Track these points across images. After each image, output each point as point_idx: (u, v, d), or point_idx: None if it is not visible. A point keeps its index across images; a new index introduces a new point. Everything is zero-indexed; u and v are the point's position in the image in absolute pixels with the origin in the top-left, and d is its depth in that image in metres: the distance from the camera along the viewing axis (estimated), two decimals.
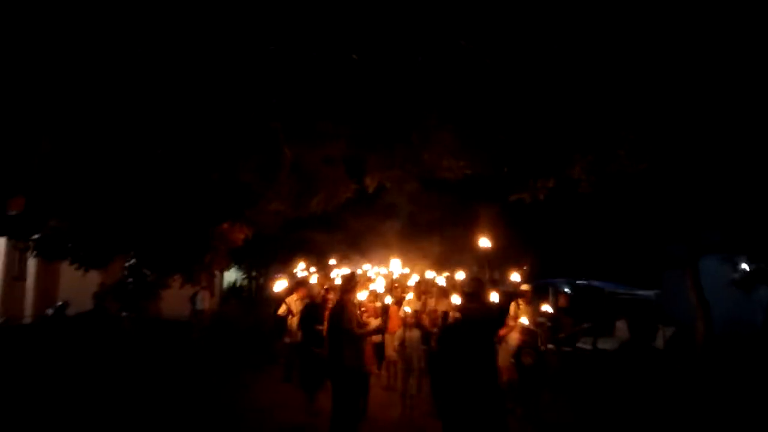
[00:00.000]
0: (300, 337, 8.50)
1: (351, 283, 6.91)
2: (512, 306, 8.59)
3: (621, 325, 14.09)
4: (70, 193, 7.04)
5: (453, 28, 4.67)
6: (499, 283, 17.41)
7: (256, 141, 7.74)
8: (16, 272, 16.04)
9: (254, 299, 22.32)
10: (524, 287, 8.53)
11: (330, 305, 7.86)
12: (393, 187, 8.59)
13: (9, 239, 13.89)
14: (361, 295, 10.80)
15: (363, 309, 9.38)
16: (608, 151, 7.37)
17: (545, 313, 9.13)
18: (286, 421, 7.65)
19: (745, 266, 12.47)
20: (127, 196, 8.12)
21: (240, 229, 10.39)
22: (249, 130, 6.92)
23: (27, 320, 15.35)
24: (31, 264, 16.24)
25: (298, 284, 9.40)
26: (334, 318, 6.73)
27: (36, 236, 9.46)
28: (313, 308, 8.25)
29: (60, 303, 14.36)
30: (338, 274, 13.01)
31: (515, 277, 9.18)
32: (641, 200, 12.26)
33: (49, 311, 14.45)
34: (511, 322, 8.58)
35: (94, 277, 14.22)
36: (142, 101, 5.33)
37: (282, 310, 9.38)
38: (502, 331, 8.45)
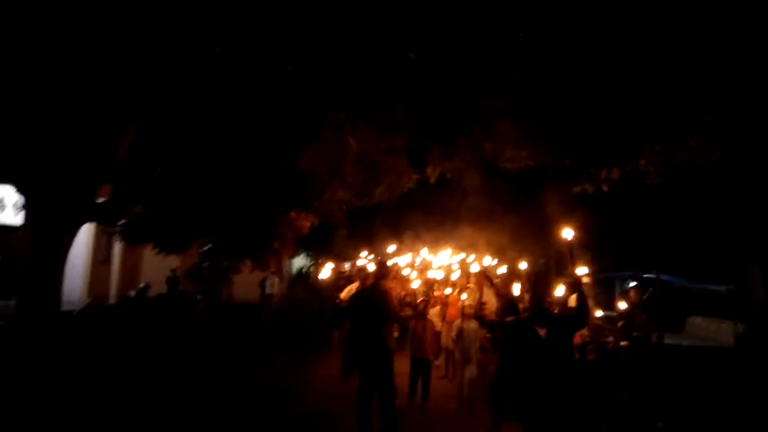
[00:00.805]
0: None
1: (383, 269, 7.14)
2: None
3: (692, 321, 13.61)
4: (154, 182, 7.58)
5: (510, 20, 4.74)
6: (566, 275, 17.16)
7: (322, 132, 8.07)
8: (103, 256, 17.24)
9: (320, 285, 23.00)
10: (585, 279, 8.38)
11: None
12: (454, 177, 8.68)
13: (97, 225, 14.93)
14: (415, 284, 10.99)
15: (406, 295, 9.63)
16: (677, 141, 7.20)
17: (618, 309, 8.90)
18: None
19: None
20: (205, 185, 8.66)
21: (306, 218, 10.80)
22: (315, 123, 7.23)
23: (112, 301, 16.51)
24: (117, 248, 17.42)
25: (359, 272, 9.65)
26: (363, 301, 7.01)
27: (122, 222, 10.18)
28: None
29: (142, 285, 15.37)
30: (393, 261, 13.29)
31: (582, 270, 9.00)
32: (715, 192, 11.81)
33: (132, 293, 15.51)
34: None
35: (173, 261, 15.15)
36: (218, 95, 5.72)
37: (343, 295, 9.70)
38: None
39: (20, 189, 7.53)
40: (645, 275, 13.93)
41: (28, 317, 7.38)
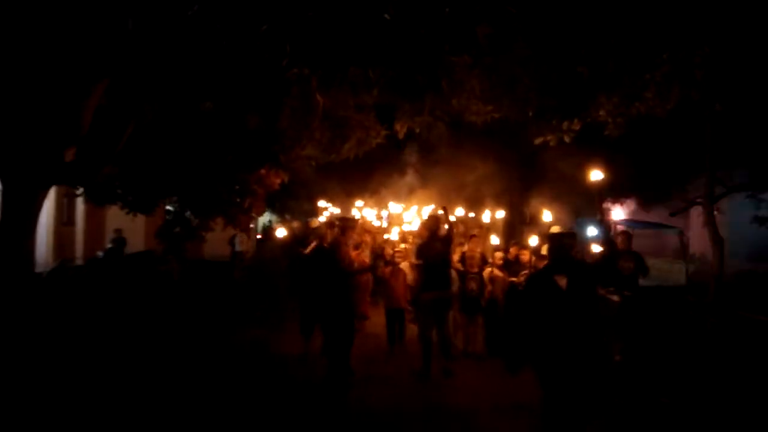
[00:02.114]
0: None
1: (343, 223, 7.51)
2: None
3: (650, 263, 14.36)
4: (120, 142, 7.54)
5: None
6: (533, 224, 17.76)
7: (290, 89, 8.10)
8: (65, 218, 16.99)
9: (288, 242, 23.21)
10: (554, 228, 8.68)
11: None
12: (423, 132, 8.87)
13: (58, 187, 14.68)
14: (393, 235, 11.24)
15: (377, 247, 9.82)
16: (634, 93, 7.53)
17: (591, 255, 9.19)
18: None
19: None
20: (173, 144, 8.63)
21: (276, 174, 10.88)
22: (283, 80, 7.27)
23: (78, 262, 16.39)
24: (80, 210, 17.18)
25: (316, 229, 9.66)
26: (324, 257, 7.32)
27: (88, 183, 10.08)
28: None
29: (110, 246, 15.31)
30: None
31: (546, 216, 9.33)
32: (670, 139, 12.35)
33: (100, 254, 15.43)
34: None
35: (138, 221, 15.06)
36: (190, 53, 5.72)
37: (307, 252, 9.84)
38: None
39: None
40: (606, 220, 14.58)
41: (2, 278, 7.41)
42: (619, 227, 13.29)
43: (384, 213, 18.21)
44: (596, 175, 8.27)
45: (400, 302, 8.78)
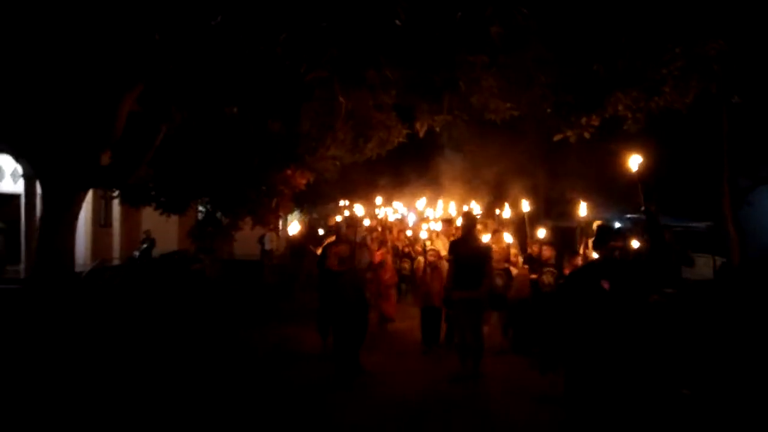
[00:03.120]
0: None
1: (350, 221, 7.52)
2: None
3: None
4: (153, 146, 7.92)
5: None
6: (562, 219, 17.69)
7: (312, 93, 8.37)
8: (102, 220, 17.67)
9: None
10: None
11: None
12: (443, 131, 9.07)
13: (95, 190, 15.29)
14: (422, 234, 11.29)
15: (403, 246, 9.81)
16: (652, 87, 7.58)
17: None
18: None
19: None
20: (202, 146, 9.01)
21: (302, 175, 11.21)
22: (304, 84, 7.54)
23: (116, 262, 17.03)
24: (116, 212, 17.84)
25: (334, 227, 9.80)
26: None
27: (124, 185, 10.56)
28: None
29: (145, 246, 15.86)
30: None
31: (583, 210, 9.26)
32: (696, 134, 12.24)
33: (136, 253, 16.03)
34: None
35: (171, 222, 15.59)
36: (216, 61, 6.04)
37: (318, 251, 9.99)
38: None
39: (24, 157, 7.87)
40: (627, 215, 14.49)
41: (45, 278, 7.87)
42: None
43: (406, 211, 18.38)
44: (635, 161, 7.92)
45: (434, 301, 8.52)
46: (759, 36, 6.79)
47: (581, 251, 9.26)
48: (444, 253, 9.14)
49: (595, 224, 9.38)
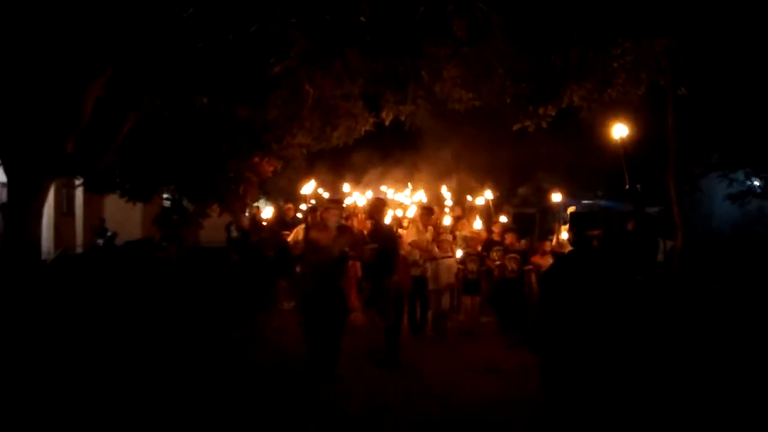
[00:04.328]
0: None
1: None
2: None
3: None
4: (120, 133, 7.95)
5: None
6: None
7: (279, 82, 8.50)
8: (65, 209, 17.39)
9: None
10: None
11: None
12: (408, 118, 9.31)
13: (57, 178, 15.02)
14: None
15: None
16: (604, 79, 7.99)
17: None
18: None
19: (748, 181, 13.22)
20: (169, 133, 9.05)
21: (269, 162, 11.32)
22: (272, 74, 7.68)
23: (79, 251, 16.83)
24: (78, 200, 17.59)
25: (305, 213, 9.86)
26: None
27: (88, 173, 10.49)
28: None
29: (109, 234, 15.72)
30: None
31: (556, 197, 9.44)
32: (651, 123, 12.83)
33: (100, 242, 15.86)
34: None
35: (136, 210, 15.46)
36: (183, 51, 6.13)
37: (290, 239, 10.09)
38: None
39: None
40: (583, 201, 15.05)
41: (11, 268, 7.84)
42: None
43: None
44: (620, 130, 7.71)
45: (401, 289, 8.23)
46: (704, 32, 7.23)
47: (554, 239, 9.70)
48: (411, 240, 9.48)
49: (569, 210, 9.84)
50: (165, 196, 14.68)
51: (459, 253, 9.08)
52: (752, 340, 6.07)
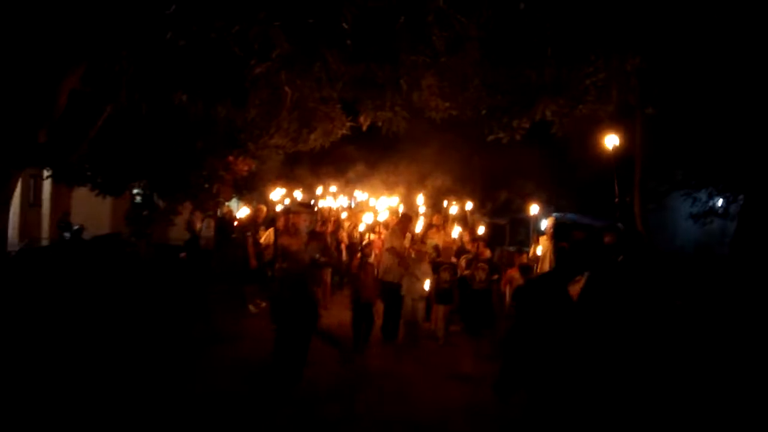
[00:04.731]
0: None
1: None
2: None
3: None
4: (95, 126, 7.88)
5: None
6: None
7: (258, 82, 8.52)
8: (31, 199, 17.05)
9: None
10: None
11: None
12: (385, 125, 9.40)
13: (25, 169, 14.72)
14: (361, 227, 11.51)
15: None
16: (577, 96, 8.24)
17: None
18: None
19: (710, 201, 13.66)
20: (144, 128, 8.99)
21: (244, 161, 11.30)
22: (252, 74, 7.70)
23: (45, 242, 16.51)
24: (46, 192, 17.25)
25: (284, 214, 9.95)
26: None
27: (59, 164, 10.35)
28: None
29: (76, 227, 15.46)
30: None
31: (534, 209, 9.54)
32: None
33: (67, 235, 15.58)
34: None
35: (105, 204, 15.24)
36: (164, 49, 6.14)
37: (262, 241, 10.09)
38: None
39: None
40: (553, 214, 15.37)
41: None
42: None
43: (348, 202, 18.71)
44: (611, 140, 8.48)
45: (370, 296, 8.59)
46: (672, 53, 7.51)
47: (531, 251, 9.88)
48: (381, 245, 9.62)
49: (549, 220, 10.03)
50: (135, 191, 14.51)
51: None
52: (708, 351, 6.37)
